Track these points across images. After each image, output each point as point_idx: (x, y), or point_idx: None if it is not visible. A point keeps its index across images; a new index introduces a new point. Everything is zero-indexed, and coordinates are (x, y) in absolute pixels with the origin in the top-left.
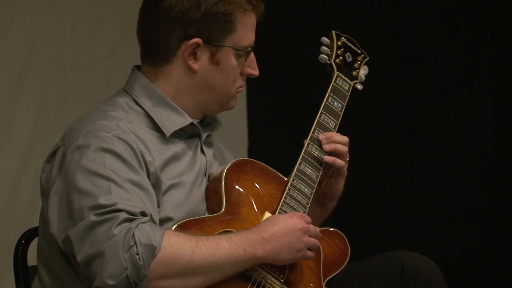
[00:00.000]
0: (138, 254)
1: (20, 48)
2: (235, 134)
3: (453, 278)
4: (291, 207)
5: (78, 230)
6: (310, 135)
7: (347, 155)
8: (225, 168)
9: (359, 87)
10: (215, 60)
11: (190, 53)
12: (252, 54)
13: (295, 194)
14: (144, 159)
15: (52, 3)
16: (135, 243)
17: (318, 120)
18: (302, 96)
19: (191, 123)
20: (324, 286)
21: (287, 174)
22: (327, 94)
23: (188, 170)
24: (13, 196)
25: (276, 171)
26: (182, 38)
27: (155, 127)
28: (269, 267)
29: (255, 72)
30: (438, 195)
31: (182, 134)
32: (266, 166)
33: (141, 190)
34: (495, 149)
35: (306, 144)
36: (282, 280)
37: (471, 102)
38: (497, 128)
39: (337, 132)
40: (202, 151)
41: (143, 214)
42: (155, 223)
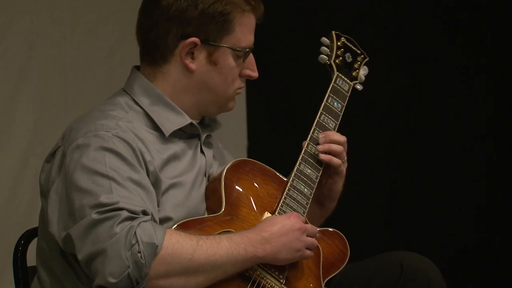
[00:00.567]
0: (140, 252)
1: (20, 48)
2: (235, 134)
3: (452, 278)
4: (291, 207)
5: (79, 228)
6: (309, 136)
7: (344, 155)
8: (224, 168)
9: (359, 87)
10: (213, 60)
11: (187, 52)
12: (251, 56)
13: (295, 195)
14: (143, 158)
15: (52, 3)
16: (137, 241)
17: (317, 121)
18: (302, 96)
19: (191, 123)
20: (323, 286)
21: (287, 174)
22: (327, 95)
23: (188, 170)
24: (13, 196)
25: (275, 171)
26: (179, 37)
27: (155, 127)
28: (268, 267)
29: (254, 74)
30: (438, 195)
31: (181, 134)
32: (265, 166)
33: (141, 189)
34: (495, 149)
35: (306, 144)
36: (282, 281)
37: (471, 102)
38: (497, 128)
39: (337, 132)
40: (202, 152)
41: (144, 213)
42: (155, 222)
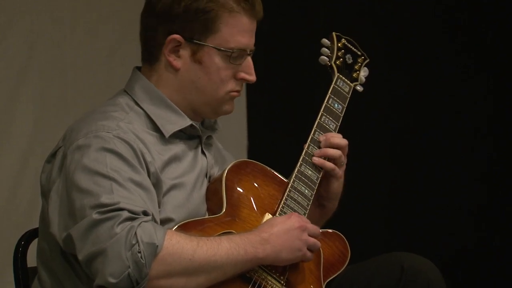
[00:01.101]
0: (140, 252)
1: (20, 48)
2: (235, 134)
3: (452, 277)
4: (292, 208)
5: (80, 228)
6: (310, 137)
7: (342, 159)
8: (225, 169)
9: (360, 88)
10: (197, 59)
11: (171, 50)
12: (248, 59)
13: (296, 196)
14: (144, 159)
15: (52, 3)
16: (137, 241)
17: (318, 122)
18: (303, 97)
19: (191, 125)
20: (324, 287)
21: (288, 175)
22: (328, 96)
23: (189, 171)
24: (13, 196)
25: (276, 172)
26: (166, 34)
27: (155, 128)
28: (269, 268)
29: (250, 77)
30: (438, 194)
31: (182, 136)
32: (266, 167)
33: (142, 189)
34: (495, 148)
35: (307, 145)
36: (283, 282)
37: (471, 101)
38: (497, 127)
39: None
40: (203, 153)
41: (145, 213)
42: (156, 222)
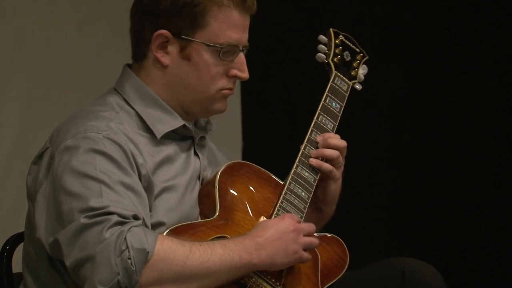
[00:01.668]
0: (130, 258)
1: (5, 47)
2: (229, 134)
3: (452, 278)
4: (288, 211)
5: (67, 233)
6: (307, 137)
7: (339, 160)
8: (218, 171)
9: (358, 87)
10: (185, 55)
11: (159, 46)
12: (240, 55)
13: (292, 198)
14: (135, 161)
15: (40, 1)
16: (127, 247)
17: (315, 121)
18: (299, 96)
19: (184, 125)
20: None
21: (283, 177)
22: (325, 94)
23: (181, 173)
24: None
25: (271, 174)
26: (153, 30)
27: (146, 129)
28: (264, 274)
29: (242, 74)
30: (438, 195)
31: (174, 136)
32: (261, 169)
33: (133, 193)
34: (495, 149)
35: (303, 146)
36: None
37: (471, 102)
38: (497, 128)
39: (335, 133)
40: (196, 154)
41: (136, 217)
42: (147, 227)
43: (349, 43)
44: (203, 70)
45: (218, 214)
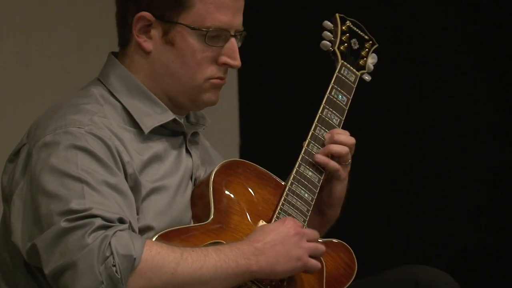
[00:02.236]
0: (115, 265)
1: None
2: (225, 131)
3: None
4: (289, 215)
5: (46, 238)
6: (310, 133)
7: (347, 158)
8: (213, 170)
9: (367, 78)
10: (169, 40)
11: (141, 30)
12: (231, 41)
13: (294, 200)
14: (121, 159)
15: None
16: (112, 253)
17: (319, 116)
18: (301, 89)
19: (174, 120)
20: None
21: (285, 177)
22: (330, 86)
23: (172, 173)
24: None
25: (272, 173)
26: (135, 13)
27: (133, 123)
28: (264, 283)
29: (232, 62)
30: (438, 195)
31: (163, 132)
32: (260, 168)
33: (118, 193)
34: (496, 149)
35: (306, 143)
36: None
37: (471, 102)
38: (497, 128)
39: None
40: (188, 152)
41: (121, 221)
42: (134, 231)
43: (357, 30)
44: (188, 56)
45: (212, 217)
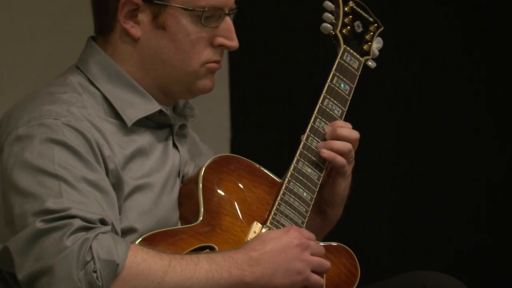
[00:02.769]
0: (95, 272)
1: None
2: (216, 123)
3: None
4: (286, 216)
5: (20, 240)
6: (310, 125)
7: (351, 154)
8: (203, 166)
9: (372, 64)
10: (160, 24)
11: (127, 15)
12: (227, 20)
13: (291, 200)
14: (102, 153)
15: None
16: (93, 258)
17: (319, 106)
18: (298, 77)
19: (160, 111)
20: None
21: (281, 174)
22: (332, 74)
23: (158, 169)
24: None
25: (267, 170)
26: None
27: (115, 114)
28: None
29: (230, 43)
30: (438, 195)
31: (148, 124)
32: (254, 164)
33: (99, 191)
34: (497, 149)
35: (305, 136)
36: None
37: (471, 102)
38: (497, 128)
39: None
40: (175, 146)
41: (103, 222)
42: (116, 233)
43: (360, 11)
44: (182, 40)
45: (202, 219)
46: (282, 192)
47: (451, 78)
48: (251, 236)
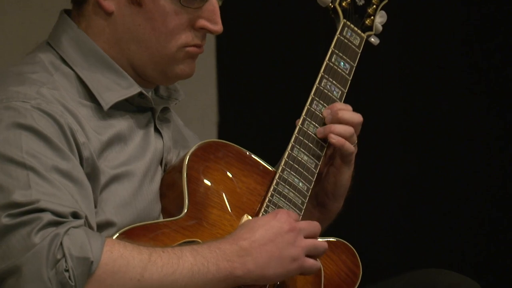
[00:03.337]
0: (67, 270)
1: None
2: (201, 107)
3: None
4: (280, 208)
5: None
6: (306, 108)
7: (354, 139)
8: (187, 153)
9: (374, 40)
10: (136, 0)
11: None
12: (212, 1)
13: (286, 191)
14: (75, 140)
15: None
16: (64, 255)
17: (317, 87)
18: (292, 56)
19: (140, 93)
20: None
21: (274, 162)
22: (330, 51)
23: (138, 157)
24: None
25: (258, 158)
26: None
27: (91, 97)
28: None
29: (213, 26)
30: (439, 196)
31: (127, 107)
32: (244, 151)
33: (71, 182)
34: (498, 148)
35: (301, 120)
36: None
37: (472, 105)
38: (498, 129)
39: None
40: (157, 131)
41: (75, 215)
42: (91, 228)
43: None
44: (159, 20)
45: (186, 211)
46: (275, 182)
47: (452, 80)
48: None
